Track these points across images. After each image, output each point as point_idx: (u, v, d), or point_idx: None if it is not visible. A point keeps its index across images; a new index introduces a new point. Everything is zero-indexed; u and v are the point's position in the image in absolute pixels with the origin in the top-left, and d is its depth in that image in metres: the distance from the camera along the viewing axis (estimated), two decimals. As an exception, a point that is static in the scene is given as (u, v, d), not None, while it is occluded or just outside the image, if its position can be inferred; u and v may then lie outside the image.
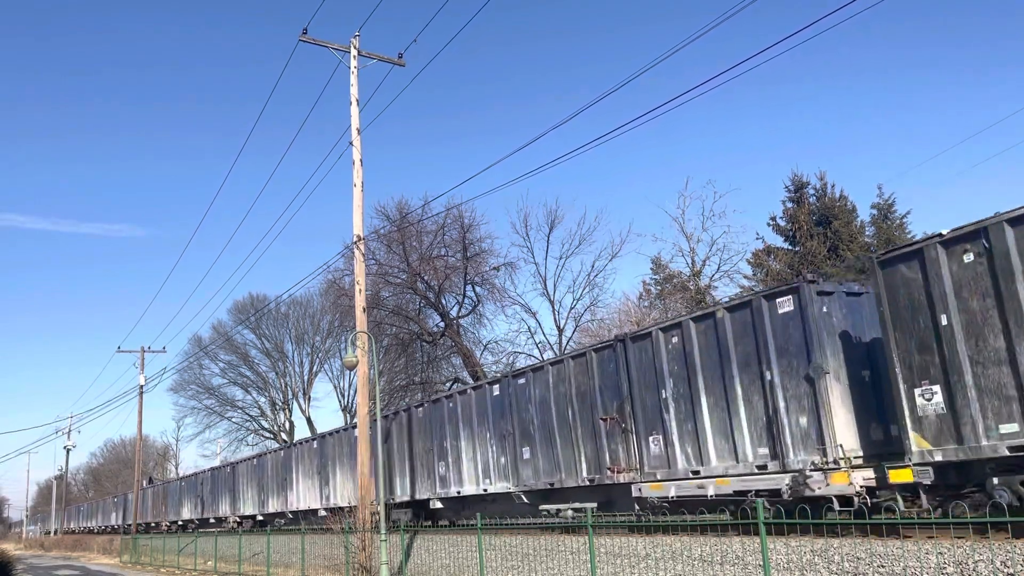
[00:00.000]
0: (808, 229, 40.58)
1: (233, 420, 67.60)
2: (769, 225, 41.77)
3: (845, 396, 11.98)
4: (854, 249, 38.96)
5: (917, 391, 10.74)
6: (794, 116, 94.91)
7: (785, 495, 12.10)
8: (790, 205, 41.50)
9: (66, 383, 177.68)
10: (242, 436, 67.05)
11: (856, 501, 11.38)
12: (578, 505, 16.46)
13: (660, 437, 14.52)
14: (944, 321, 10.42)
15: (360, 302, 19.71)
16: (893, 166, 77.87)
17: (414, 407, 23.38)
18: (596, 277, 39.17)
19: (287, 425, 65.27)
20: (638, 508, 14.86)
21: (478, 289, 40.34)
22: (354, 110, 20.48)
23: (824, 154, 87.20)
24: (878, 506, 11.57)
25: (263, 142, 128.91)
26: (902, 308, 10.96)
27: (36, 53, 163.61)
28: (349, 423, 28.34)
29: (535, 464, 17.76)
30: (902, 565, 9.70)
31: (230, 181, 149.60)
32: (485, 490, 19.55)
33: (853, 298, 12.60)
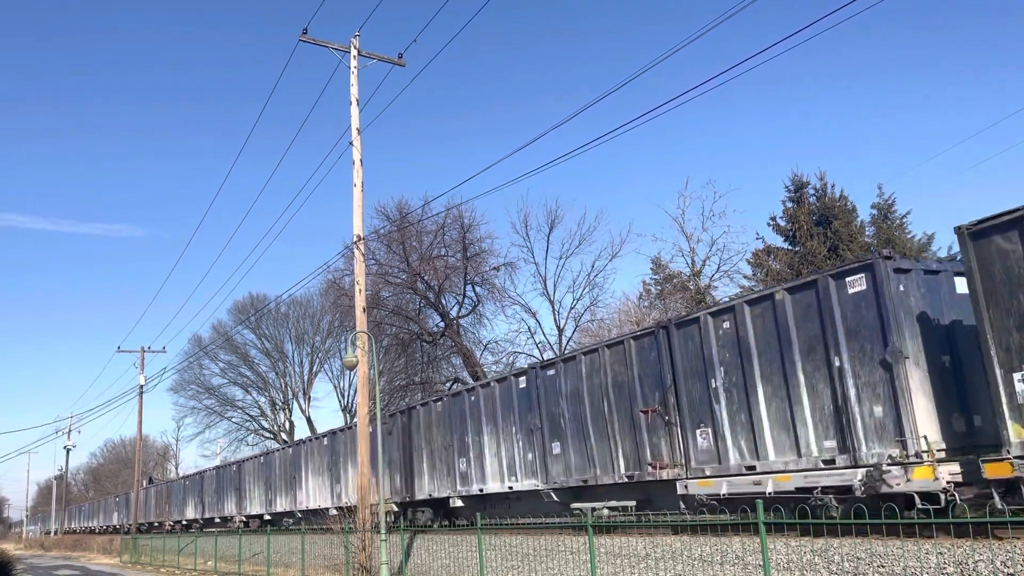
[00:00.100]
0: (808, 229, 39.47)
1: (233, 420, 66.29)
2: (769, 225, 40.76)
3: (925, 383, 10.45)
4: (854, 249, 37.84)
5: (1016, 376, 9.22)
6: (794, 116, 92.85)
7: (858, 491, 10.55)
8: (790, 205, 40.44)
9: (66, 383, 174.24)
10: (242, 436, 65.78)
11: (943, 498, 9.83)
12: (615, 503, 14.86)
13: (709, 430, 12.97)
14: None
15: (360, 302, 19.12)
16: (893, 166, 76.52)
17: (432, 401, 21.74)
18: (596, 277, 38.55)
19: (287, 425, 63.77)
20: (683, 506, 13.31)
21: (478, 289, 39.64)
22: (354, 110, 19.85)
23: (824, 154, 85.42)
24: (960, 505, 10.05)
25: (263, 142, 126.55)
26: (998, 284, 9.43)
27: (36, 53, 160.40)
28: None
29: (566, 460, 16.15)
30: (902, 565, 9.32)
31: (230, 181, 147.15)
32: (510, 488, 17.88)
33: (931, 276, 11.05)
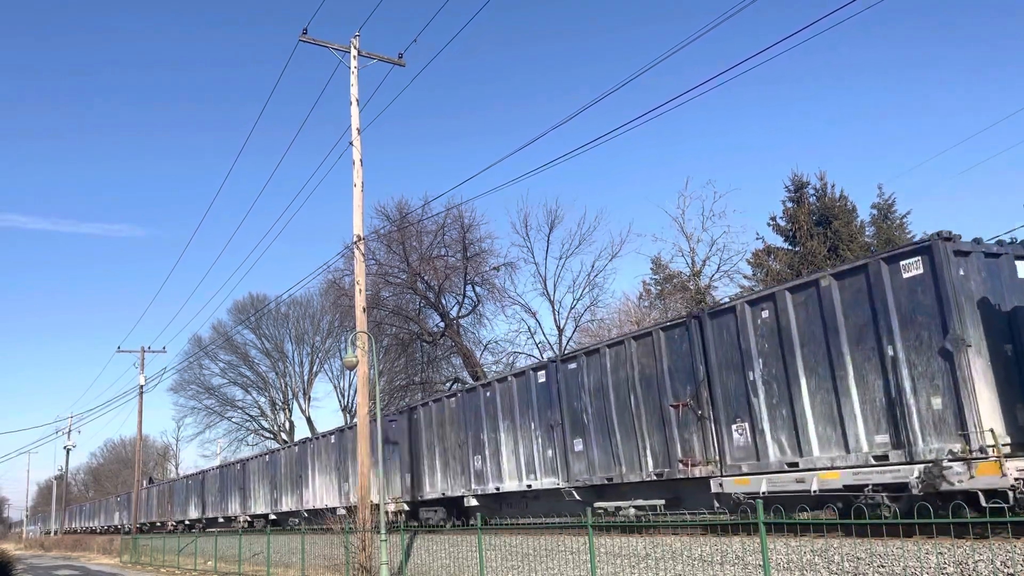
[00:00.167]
0: (808, 229, 38.69)
1: (233, 420, 64.95)
2: (769, 225, 39.98)
3: (987, 373, 9.50)
4: (854, 249, 37.04)
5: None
6: (794, 116, 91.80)
7: (915, 489, 9.59)
8: (790, 205, 39.65)
9: (66, 383, 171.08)
10: (242, 436, 64.47)
11: (1011, 496, 8.87)
12: (642, 502, 13.80)
13: (746, 425, 11.97)
14: None
15: (360, 302, 18.66)
16: (893, 166, 75.44)
17: (446, 397, 20.62)
18: (596, 277, 37.51)
19: (287, 425, 62.52)
20: (717, 505, 12.32)
21: (478, 289, 38.81)
22: (354, 110, 19.38)
23: (824, 154, 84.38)
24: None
25: (263, 142, 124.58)
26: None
27: (36, 53, 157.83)
28: (371, 415, 25.57)
29: (589, 457, 15.11)
30: (902, 565, 9.08)
31: (230, 181, 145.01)
32: (529, 486, 16.78)
33: (991, 260, 10.07)
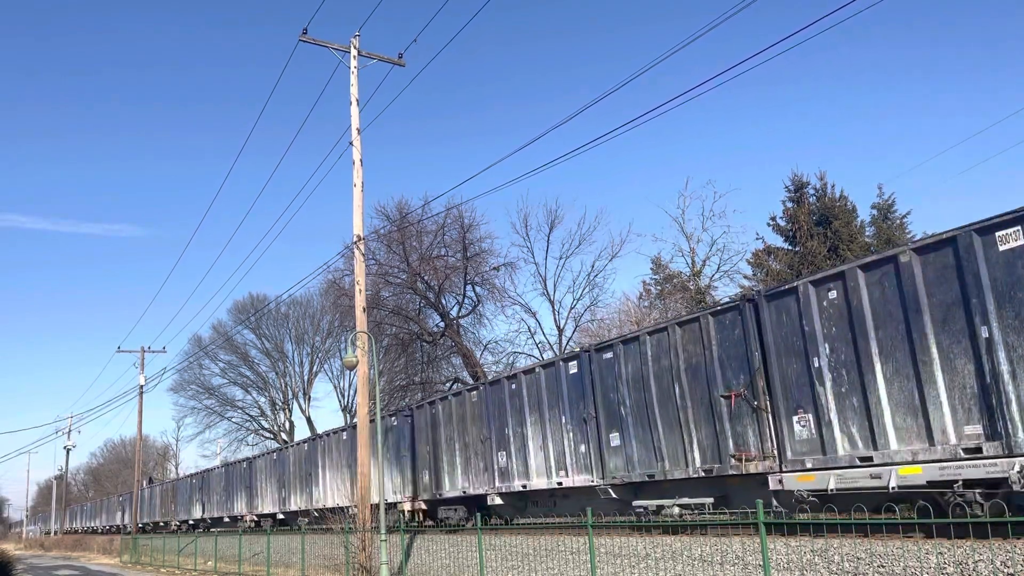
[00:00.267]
0: (808, 229, 37.61)
1: (233, 420, 63.20)
2: (769, 225, 38.92)
3: (1098, 356, 8.23)
4: (854, 249, 35.97)
5: None
6: (794, 116, 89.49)
7: (1016, 485, 8.29)
8: (790, 205, 38.58)
9: (66, 383, 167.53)
10: (242, 436, 62.71)
11: None
12: (687, 500, 12.44)
13: (809, 416, 10.65)
14: None
15: (360, 302, 18.10)
16: (893, 166, 74.11)
17: (467, 390, 19.15)
18: (596, 277, 36.70)
19: (287, 425, 60.86)
20: (776, 504, 10.98)
21: (478, 289, 37.70)
22: (354, 110, 18.77)
23: (824, 154, 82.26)
24: None
25: (263, 142, 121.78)
26: None
27: (36, 53, 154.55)
28: (387, 411, 24.14)
29: (627, 453, 13.72)
30: (902, 565, 8.82)
31: (230, 181, 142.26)
32: (559, 483, 15.37)
33: (1097, 228, 8.81)
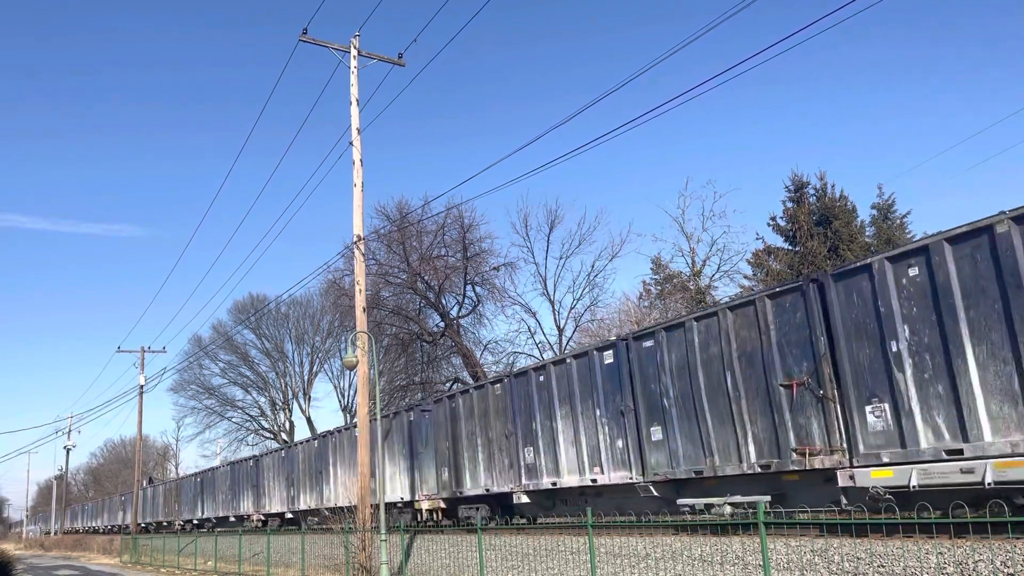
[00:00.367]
0: (808, 229, 36.99)
1: (233, 420, 62.51)
2: (769, 225, 38.34)
3: None
4: (854, 249, 35.33)
5: None
6: (794, 116, 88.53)
7: None
8: (790, 205, 37.99)
9: (66, 383, 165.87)
10: (242, 436, 61.99)
11: None
12: (740, 499, 11.38)
13: (885, 405, 9.65)
14: None
15: (360, 302, 17.92)
16: (893, 166, 73.36)
17: (489, 383, 17.97)
18: (596, 277, 36.26)
19: (287, 425, 60.16)
20: (845, 502, 10.03)
21: (478, 289, 37.23)
22: (354, 110, 18.59)
23: (824, 154, 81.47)
24: None
25: (263, 142, 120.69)
26: None
27: (36, 53, 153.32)
28: (403, 407, 23.37)
29: (670, 447, 12.67)
30: (902, 565, 8.66)
31: (230, 181, 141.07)
32: (593, 480, 14.39)
33: None
